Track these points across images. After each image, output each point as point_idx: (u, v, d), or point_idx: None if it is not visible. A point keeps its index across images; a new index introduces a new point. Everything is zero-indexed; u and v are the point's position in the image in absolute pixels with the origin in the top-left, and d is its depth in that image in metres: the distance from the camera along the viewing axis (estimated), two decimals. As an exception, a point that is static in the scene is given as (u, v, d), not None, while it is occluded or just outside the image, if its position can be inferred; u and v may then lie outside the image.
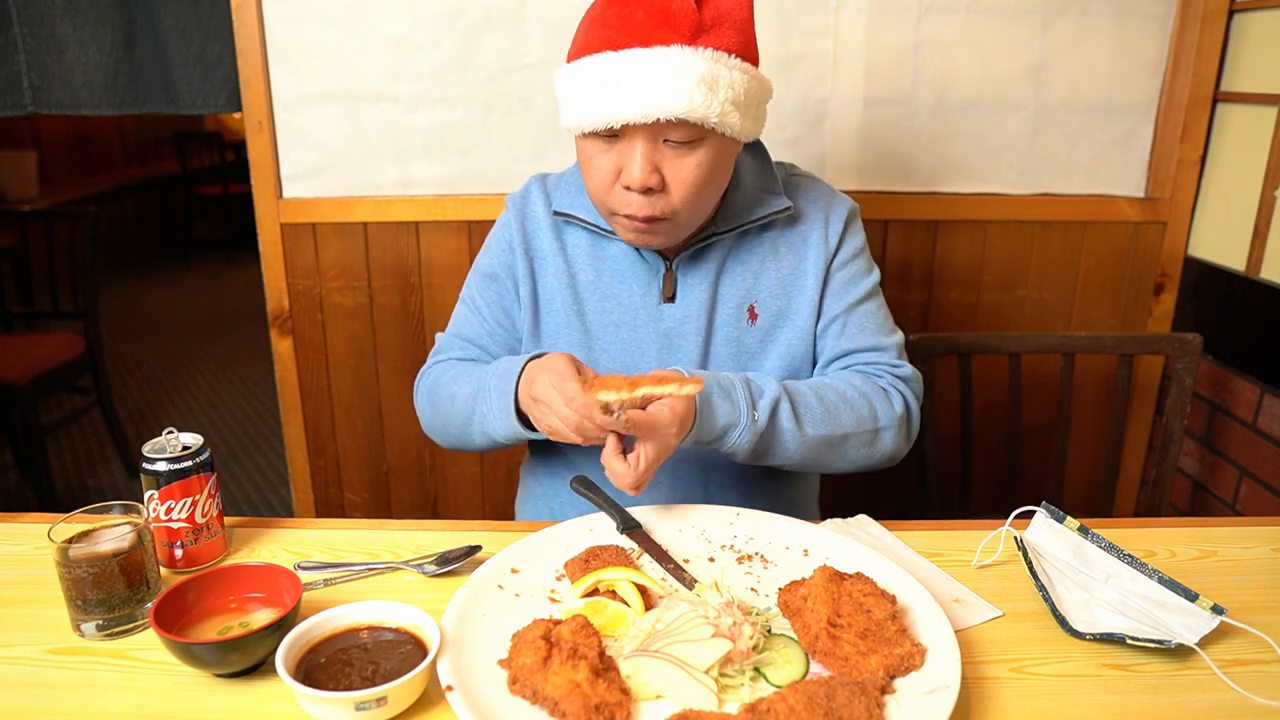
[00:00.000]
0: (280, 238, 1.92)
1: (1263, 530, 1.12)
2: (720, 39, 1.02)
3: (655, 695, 0.77)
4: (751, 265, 1.21)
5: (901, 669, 0.80)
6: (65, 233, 3.06)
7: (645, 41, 1.00)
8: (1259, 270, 1.76)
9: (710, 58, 1.00)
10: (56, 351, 2.95)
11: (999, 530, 1.04)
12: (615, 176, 1.07)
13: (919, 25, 1.83)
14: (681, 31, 1.00)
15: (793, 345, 1.22)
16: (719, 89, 1.00)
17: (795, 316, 1.22)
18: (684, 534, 1.06)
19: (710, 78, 1.00)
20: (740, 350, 1.21)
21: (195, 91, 1.93)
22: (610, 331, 1.22)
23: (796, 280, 1.21)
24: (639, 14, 1.01)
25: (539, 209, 1.25)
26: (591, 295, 1.22)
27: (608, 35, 1.03)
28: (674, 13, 1.00)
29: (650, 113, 1.00)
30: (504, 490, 2.12)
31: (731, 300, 1.21)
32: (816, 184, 1.26)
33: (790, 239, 1.22)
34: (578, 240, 1.23)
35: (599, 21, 1.04)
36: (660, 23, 1.00)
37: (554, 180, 1.27)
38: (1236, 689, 0.82)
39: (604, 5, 1.05)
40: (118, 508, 0.93)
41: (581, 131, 1.07)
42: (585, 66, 1.04)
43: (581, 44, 1.06)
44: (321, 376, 2.03)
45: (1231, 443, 1.84)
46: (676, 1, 1.00)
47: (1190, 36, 1.82)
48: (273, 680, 0.81)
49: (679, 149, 1.05)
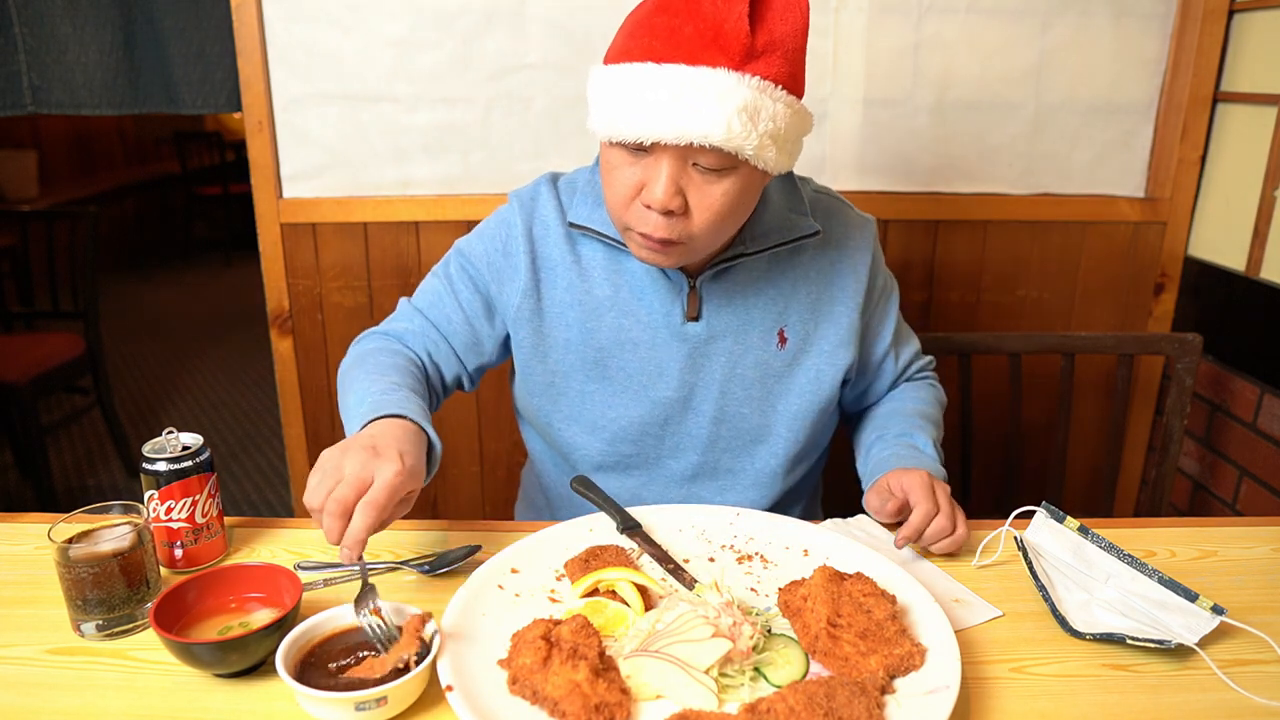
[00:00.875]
0: (280, 238, 1.92)
1: (1263, 530, 1.12)
2: (769, 67, 0.96)
3: (655, 695, 0.77)
4: (784, 289, 1.18)
5: (901, 669, 0.80)
6: (65, 233, 3.06)
7: (691, 59, 0.94)
8: (1259, 270, 1.76)
9: (756, 86, 0.94)
10: (56, 351, 2.95)
11: (999, 530, 1.04)
12: (636, 191, 1.02)
13: (919, 25, 1.83)
14: (731, 54, 0.94)
15: (821, 372, 1.19)
16: (760, 120, 0.95)
17: (823, 342, 1.19)
18: (684, 534, 1.06)
19: (753, 108, 0.94)
20: (767, 374, 1.19)
21: (195, 91, 1.93)
22: (627, 350, 1.17)
23: (825, 306, 1.19)
24: (689, 28, 0.95)
25: (550, 215, 1.18)
26: (609, 311, 1.16)
27: (652, 45, 0.96)
28: (726, 33, 0.94)
29: (684, 135, 0.94)
30: (504, 490, 2.12)
31: (762, 323, 1.17)
32: (840, 206, 1.24)
33: (821, 264, 1.19)
34: (594, 253, 1.17)
35: (644, 28, 0.98)
36: (710, 42, 0.94)
37: (567, 184, 1.21)
38: (1236, 689, 0.82)
39: (652, 10, 0.98)
40: (118, 508, 0.93)
41: (609, 140, 1.02)
42: (623, 73, 0.98)
43: (622, 48, 1.00)
44: (321, 376, 2.03)
45: (1231, 443, 1.84)
46: (731, 21, 0.94)
47: (1190, 36, 1.82)
48: (273, 680, 0.81)
49: (707, 175, 0.99)
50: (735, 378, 1.18)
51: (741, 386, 1.18)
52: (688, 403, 1.19)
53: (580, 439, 1.22)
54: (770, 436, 1.21)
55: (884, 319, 1.26)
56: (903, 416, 1.24)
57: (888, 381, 1.30)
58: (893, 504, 1.05)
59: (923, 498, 1.03)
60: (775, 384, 1.19)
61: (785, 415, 1.20)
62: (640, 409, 1.19)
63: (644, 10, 1.00)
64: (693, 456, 1.22)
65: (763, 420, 1.20)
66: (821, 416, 1.22)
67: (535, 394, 1.22)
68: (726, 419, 1.20)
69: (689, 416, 1.20)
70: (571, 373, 1.19)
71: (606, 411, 1.19)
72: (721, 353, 1.17)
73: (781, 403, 1.20)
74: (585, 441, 1.21)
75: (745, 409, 1.19)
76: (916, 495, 1.04)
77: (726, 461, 1.22)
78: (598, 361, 1.18)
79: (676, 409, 1.19)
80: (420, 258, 1.95)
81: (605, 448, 1.21)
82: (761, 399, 1.19)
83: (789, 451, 1.21)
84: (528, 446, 1.37)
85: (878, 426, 1.25)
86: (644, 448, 1.21)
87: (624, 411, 1.19)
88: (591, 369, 1.18)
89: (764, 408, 1.20)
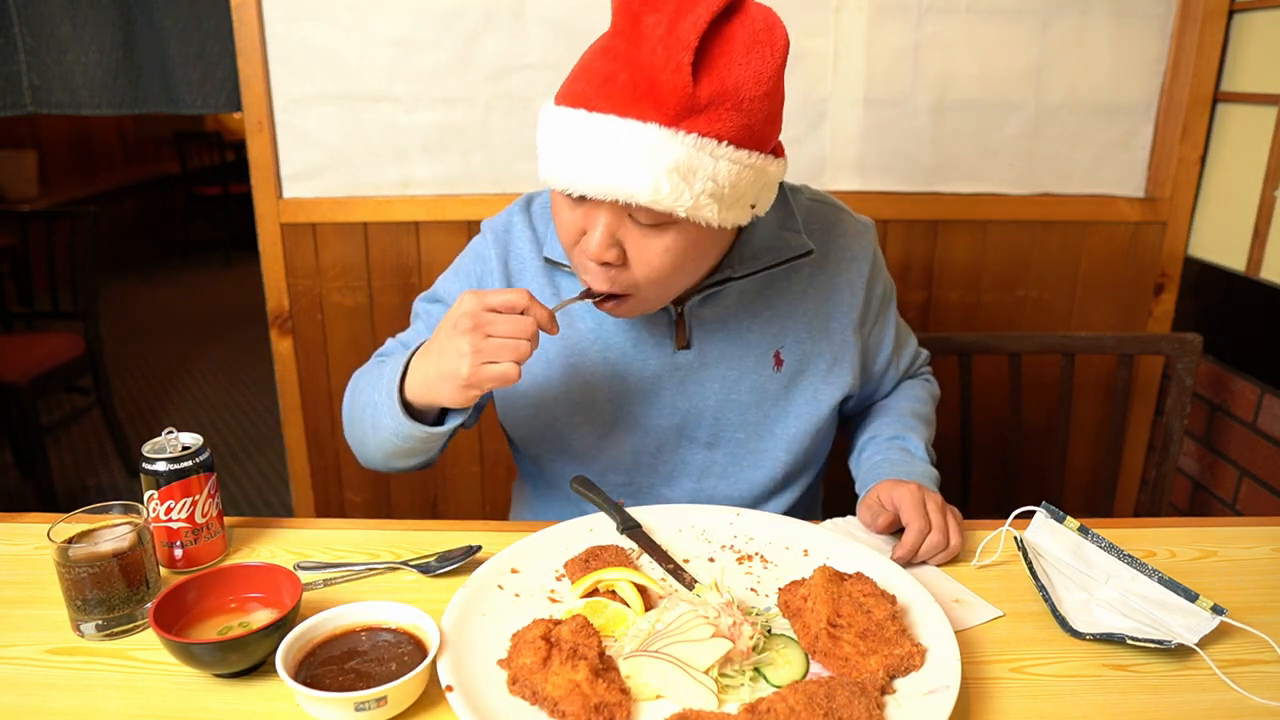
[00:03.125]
0: (280, 238, 1.92)
1: (1263, 530, 1.12)
2: (712, 123, 0.87)
3: (655, 695, 0.77)
4: (780, 310, 1.13)
5: (901, 669, 0.80)
6: (65, 233, 3.06)
7: (621, 110, 0.87)
8: (1259, 270, 1.76)
9: (691, 144, 0.86)
10: (56, 351, 2.95)
11: (999, 530, 1.04)
12: (579, 237, 0.97)
13: (919, 25, 1.83)
14: (664, 109, 0.86)
15: (819, 392, 1.16)
16: (695, 180, 0.87)
17: (820, 361, 1.15)
18: (684, 534, 1.06)
19: (686, 167, 0.86)
20: (764, 398, 1.14)
21: (195, 91, 1.93)
22: (615, 383, 1.13)
23: (822, 323, 1.15)
24: (624, 75, 0.87)
25: (525, 247, 1.14)
26: (592, 345, 1.12)
27: (587, 92, 0.90)
28: (661, 84, 0.85)
29: (610, 192, 0.89)
30: (504, 490, 2.12)
31: (758, 346, 1.13)
32: (837, 214, 1.18)
33: (819, 280, 1.15)
34: (573, 287, 1.11)
35: (585, 72, 0.92)
36: (644, 94, 0.86)
37: (540, 210, 1.17)
38: (1236, 689, 0.82)
39: (597, 53, 0.92)
40: (118, 508, 0.93)
41: (547, 186, 0.96)
42: (562, 118, 0.92)
43: (567, 89, 0.94)
44: (321, 376, 2.03)
45: (1231, 443, 1.84)
46: (668, 72, 0.85)
47: (1190, 36, 1.82)
48: (273, 680, 0.81)
49: (644, 229, 0.93)
50: (730, 403, 1.14)
51: (737, 412, 1.15)
52: (681, 430, 1.16)
53: (571, 469, 1.18)
54: (769, 460, 1.18)
55: (884, 329, 1.24)
56: (896, 416, 1.23)
57: (889, 387, 1.30)
58: (884, 519, 1.03)
59: (914, 515, 1.01)
60: (772, 407, 1.15)
61: (783, 438, 1.17)
62: (632, 440, 1.16)
63: (592, 50, 0.94)
64: (688, 484, 1.19)
65: (761, 444, 1.17)
66: (820, 434, 1.19)
67: (519, 429, 1.20)
68: (722, 444, 1.17)
69: (683, 444, 1.17)
70: (556, 408, 1.15)
71: (598, 442, 1.16)
72: (715, 379, 1.13)
73: (779, 425, 1.16)
74: (576, 471, 1.18)
75: (741, 434, 1.16)
76: (908, 513, 1.02)
77: (724, 488, 1.19)
78: (584, 396, 1.14)
79: (670, 437, 1.16)
80: (420, 258, 1.95)
81: (597, 479, 1.17)
82: (758, 423, 1.16)
83: (787, 473, 1.19)
84: (517, 465, 1.35)
85: (871, 428, 1.24)
86: (636, 477, 1.19)
87: (615, 443, 1.16)
88: (578, 404, 1.14)
89: (761, 431, 1.16)
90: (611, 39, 0.91)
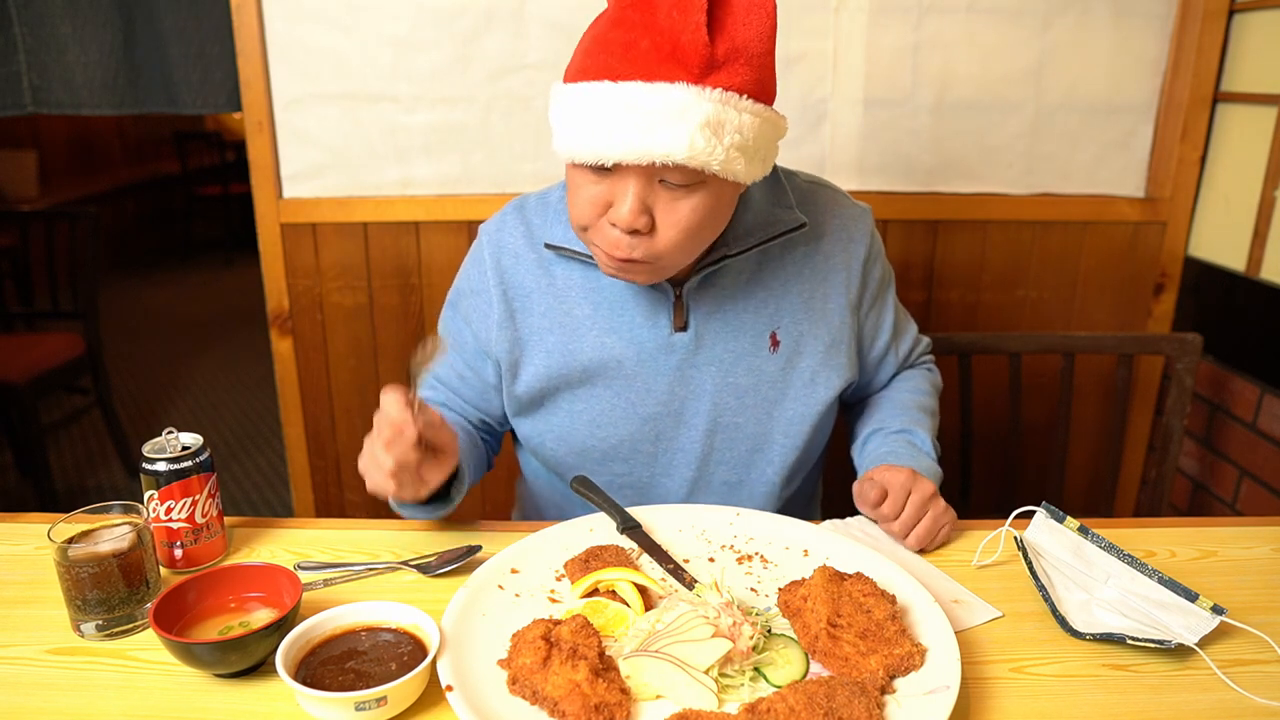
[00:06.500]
0: (280, 238, 1.92)
1: (1263, 530, 1.12)
2: (732, 77, 0.92)
3: (655, 695, 0.77)
4: (774, 290, 1.15)
5: (901, 669, 0.80)
6: (65, 233, 3.06)
7: (648, 75, 0.91)
8: (1259, 270, 1.76)
9: (718, 99, 0.91)
10: (56, 351, 2.95)
11: (999, 530, 1.04)
12: (603, 209, 0.99)
13: (919, 25, 1.83)
14: (689, 68, 0.90)
15: (817, 375, 1.16)
16: (725, 133, 0.92)
17: (816, 342, 1.16)
18: (684, 534, 1.06)
19: (716, 121, 0.91)
20: (761, 379, 1.15)
21: (195, 91, 1.93)
22: (612, 367, 1.14)
23: (818, 303, 1.16)
24: (644, 42, 0.91)
25: (518, 242, 1.16)
26: (590, 330, 1.14)
27: (608, 62, 0.93)
28: (683, 46, 0.90)
29: (646, 155, 0.91)
30: (504, 490, 2.12)
31: (753, 327, 1.14)
32: (834, 195, 1.20)
33: (814, 259, 1.16)
34: (570, 273, 1.14)
35: (600, 44, 0.95)
36: (667, 56, 0.90)
37: (536, 205, 1.19)
38: (1236, 689, 0.82)
39: (608, 26, 0.95)
40: (118, 508, 0.93)
41: (571, 161, 0.99)
42: (581, 93, 0.95)
43: (580, 65, 0.96)
44: (321, 376, 2.03)
45: (1231, 443, 1.84)
46: (688, 33, 0.89)
47: (1190, 36, 1.82)
48: (273, 680, 0.81)
49: (675, 191, 0.97)
50: (728, 386, 1.15)
51: (735, 395, 1.15)
52: (679, 416, 1.16)
53: (571, 460, 1.19)
54: (768, 446, 1.18)
55: (882, 313, 1.24)
56: (901, 409, 1.23)
57: (889, 374, 1.30)
58: (875, 492, 1.06)
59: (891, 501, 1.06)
60: (770, 389, 1.16)
61: (782, 421, 1.17)
62: (630, 426, 1.16)
63: (600, 25, 0.97)
64: (687, 472, 1.19)
65: (760, 429, 1.17)
66: (820, 421, 1.19)
67: (523, 420, 1.21)
68: (721, 430, 1.17)
69: (681, 431, 1.17)
70: (557, 396, 1.17)
71: (596, 431, 1.17)
72: (712, 362, 1.14)
73: (778, 409, 1.17)
74: (577, 462, 1.19)
75: (740, 418, 1.17)
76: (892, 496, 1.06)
77: (723, 474, 1.20)
78: (583, 382, 1.15)
79: (668, 424, 1.17)
80: (420, 258, 1.95)
81: (597, 468, 1.18)
82: (756, 406, 1.16)
83: (787, 460, 1.19)
84: (521, 462, 1.36)
85: (875, 420, 1.24)
86: (636, 466, 1.19)
87: (614, 430, 1.16)
88: (577, 390, 1.16)
89: (760, 415, 1.17)
90: (621, 11, 0.94)
